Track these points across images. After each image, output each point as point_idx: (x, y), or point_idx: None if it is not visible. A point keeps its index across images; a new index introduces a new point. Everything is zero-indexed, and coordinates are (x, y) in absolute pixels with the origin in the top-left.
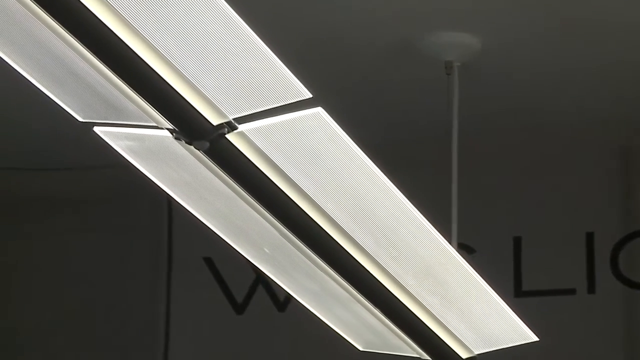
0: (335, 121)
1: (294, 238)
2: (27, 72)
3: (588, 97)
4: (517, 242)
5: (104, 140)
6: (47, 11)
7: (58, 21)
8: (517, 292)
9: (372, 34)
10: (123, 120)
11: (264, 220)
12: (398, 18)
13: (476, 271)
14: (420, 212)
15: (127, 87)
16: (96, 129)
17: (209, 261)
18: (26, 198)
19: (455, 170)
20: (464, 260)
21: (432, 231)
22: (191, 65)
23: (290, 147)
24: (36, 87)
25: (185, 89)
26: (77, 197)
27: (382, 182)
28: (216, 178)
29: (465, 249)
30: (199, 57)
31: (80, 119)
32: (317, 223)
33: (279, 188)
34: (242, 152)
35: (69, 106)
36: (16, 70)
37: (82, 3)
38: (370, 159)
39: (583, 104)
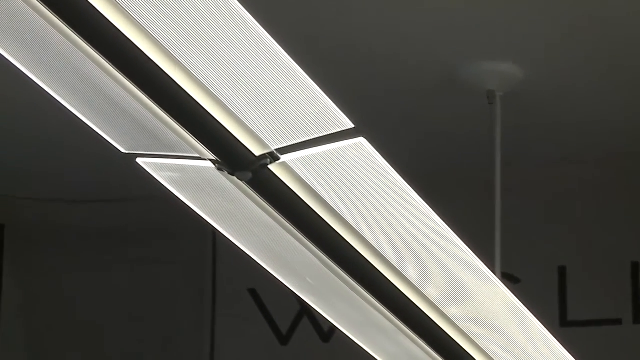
0: (377, 151)
1: (337, 268)
2: (70, 103)
3: (631, 126)
4: (562, 271)
5: (147, 172)
6: (89, 43)
7: (100, 53)
8: (562, 322)
9: (414, 63)
10: (165, 152)
11: (307, 251)
12: (440, 47)
13: (521, 301)
14: (464, 241)
15: (169, 118)
16: (139, 160)
17: (253, 292)
18: (70, 230)
19: (499, 199)
20: (507, 290)
21: (476, 261)
22: (233, 96)
23: (333, 177)
24: (79, 118)
25: (227, 119)
26: (121, 229)
27: (424, 212)
28: (259, 208)
29: (509, 279)
30: (241, 88)
31: (123, 150)
32: (359, 253)
33: (321, 218)
34: (284, 183)
35: (112, 137)
36: (59, 102)
37: (124, 35)
38: (413, 188)
39: (626, 133)
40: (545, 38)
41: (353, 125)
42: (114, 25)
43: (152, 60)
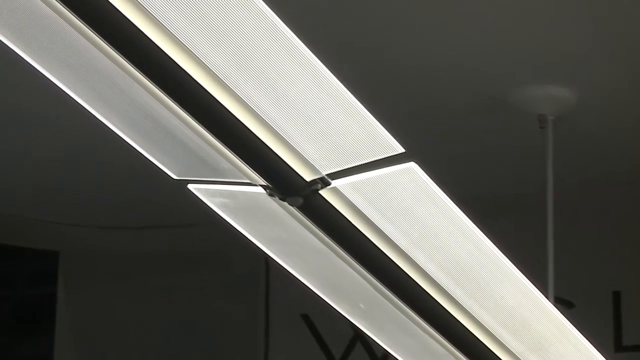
0: (429, 175)
1: (389, 293)
2: (121, 130)
3: None
4: (617, 296)
5: (199, 198)
6: (142, 71)
7: (153, 81)
8: (617, 347)
9: (465, 87)
10: (216, 178)
11: (359, 276)
12: (492, 71)
13: (575, 326)
14: (516, 266)
15: (220, 145)
16: (190, 186)
17: (306, 318)
18: (123, 256)
19: (551, 224)
20: (561, 315)
21: (528, 285)
22: (284, 122)
23: (383, 202)
24: (130, 145)
25: (278, 145)
26: (173, 256)
27: (476, 236)
28: (310, 234)
29: (564, 304)
30: (292, 114)
31: (174, 176)
32: (411, 278)
33: (373, 243)
34: (335, 208)
35: (163, 164)
36: (110, 130)
37: (176, 63)
38: (464, 212)
39: None
40: (597, 61)
41: (404, 150)
42: (166, 54)
43: (203, 87)
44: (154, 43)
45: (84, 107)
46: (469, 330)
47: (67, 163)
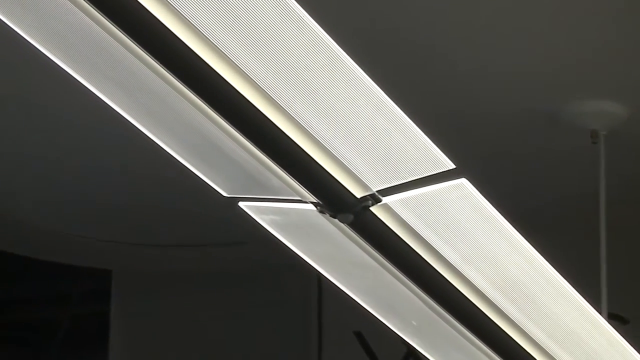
0: (479, 190)
1: (441, 310)
2: (172, 148)
3: None
4: None
5: (250, 215)
6: (192, 89)
7: (203, 98)
8: None
9: (516, 102)
10: (267, 195)
11: (410, 293)
12: (543, 86)
13: (629, 342)
14: (569, 282)
15: (271, 162)
16: (241, 204)
17: (358, 335)
18: (176, 274)
19: (604, 239)
20: (614, 331)
21: (581, 301)
22: (334, 138)
23: (435, 218)
24: (181, 164)
25: (328, 162)
26: (225, 273)
27: (528, 252)
28: (361, 251)
29: (618, 320)
30: (342, 130)
31: (225, 194)
32: (463, 294)
33: (424, 260)
34: (386, 224)
35: (214, 182)
36: (161, 148)
37: (226, 81)
38: (515, 228)
39: None
40: None
41: (454, 166)
42: (218, 73)
43: (253, 105)
44: (206, 62)
45: (136, 127)
46: (521, 346)
47: (119, 182)
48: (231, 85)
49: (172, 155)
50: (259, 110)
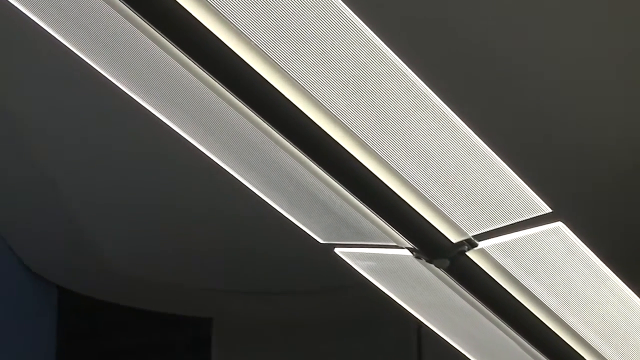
0: (575, 233)
1: (540, 355)
2: (267, 195)
3: None
4: None
5: (345, 261)
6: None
7: (295, 144)
8: None
9: (614, 147)
10: (362, 241)
11: (508, 338)
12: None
13: None
14: None
15: (366, 208)
16: (337, 250)
17: None
18: (274, 322)
19: None
20: None
21: None
22: (429, 183)
23: (531, 262)
24: (277, 211)
25: (424, 208)
26: (322, 320)
27: (628, 297)
28: (457, 296)
29: None
30: (437, 176)
31: (321, 240)
32: (562, 339)
33: (522, 304)
34: (482, 269)
35: (309, 228)
36: (256, 194)
37: (318, 126)
38: (613, 271)
39: None
40: None
41: (550, 210)
42: (312, 119)
43: (348, 152)
44: (302, 111)
45: (226, 171)
46: None
47: (215, 228)
48: (326, 133)
49: (267, 202)
50: (354, 157)
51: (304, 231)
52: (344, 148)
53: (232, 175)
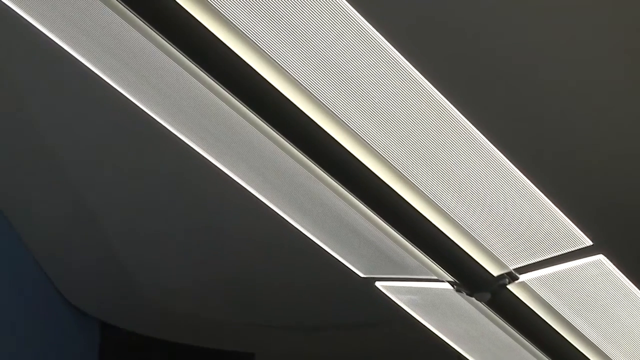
0: (617, 265)
1: None
2: (307, 229)
3: None
4: None
5: (387, 295)
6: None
7: (338, 180)
8: None
9: None
10: (403, 274)
11: None
12: None
13: None
14: None
15: (407, 242)
16: (378, 284)
17: None
18: (316, 356)
19: None
20: None
21: None
22: (470, 217)
23: (572, 295)
24: (317, 244)
25: (465, 241)
26: (363, 353)
27: None
28: (498, 329)
29: None
30: (477, 209)
31: (361, 274)
32: None
33: (563, 337)
34: (523, 302)
35: (350, 263)
36: (296, 229)
37: (364, 165)
38: None
39: None
40: None
41: (591, 243)
42: (351, 153)
43: (389, 187)
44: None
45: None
46: None
47: (258, 264)
48: (368, 168)
49: (310, 237)
50: (395, 191)
51: (345, 265)
52: (385, 183)
53: (274, 210)
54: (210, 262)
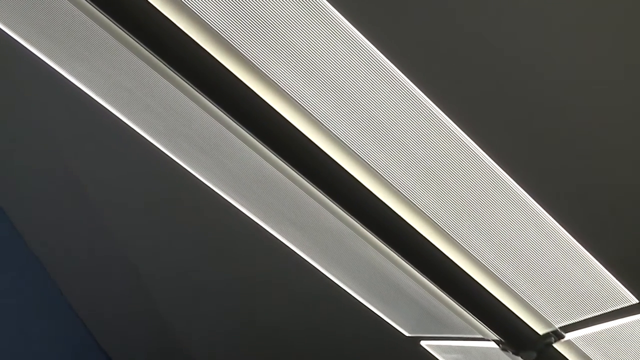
0: None
1: None
2: (352, 288)
3: None
4: None
5: (431, 354)
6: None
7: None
8: None
9: None
10: (448, 333)
11: None
12: None
13: None
14: None
15: (452, 301)
16: (423, 343)
17: None
18: None
19: None
20: None
21: None
22: (515, 276)
23: (619, 354)
24: (362, 304)
25: (510, 300)
26: None
27: None
28: None
29: None
30: (522, 268)
31: (406, 333)
32: None
33: None
34: None
35: (395, 321)
36: (340, 288)
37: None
38: None
39: None
40: None
41: (637, 301)
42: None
43: (433, 245)
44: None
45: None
46: None
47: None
48: (412, 227)
49: (354, 296)
50: (440, 251)
51: (390, 324)
52: (431, 243)
53: (319, 270)
54: (250, 323)
